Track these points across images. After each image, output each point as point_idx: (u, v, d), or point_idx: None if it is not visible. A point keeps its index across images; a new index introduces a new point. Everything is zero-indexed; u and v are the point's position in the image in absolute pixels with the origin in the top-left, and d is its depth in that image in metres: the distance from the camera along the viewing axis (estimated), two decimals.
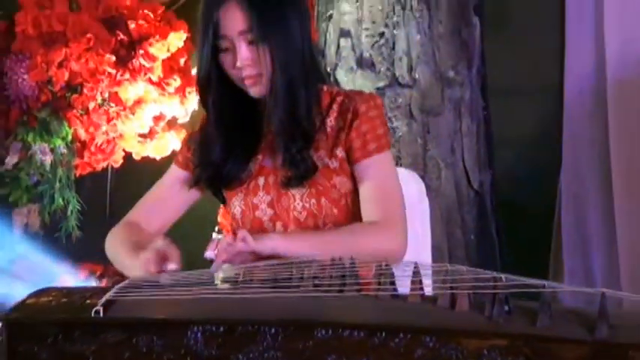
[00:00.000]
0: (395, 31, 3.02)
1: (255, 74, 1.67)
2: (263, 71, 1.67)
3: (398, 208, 1.72)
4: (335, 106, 1.77)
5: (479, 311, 1.06)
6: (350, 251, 1.53)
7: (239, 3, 1.64)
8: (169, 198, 1.86)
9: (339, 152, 1.74)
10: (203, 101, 1.76)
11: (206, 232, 3.16)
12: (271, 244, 1.53)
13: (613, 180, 3.06)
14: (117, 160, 3.34)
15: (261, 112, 1.76)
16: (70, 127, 3.23)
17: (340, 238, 1.64)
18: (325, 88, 1.82)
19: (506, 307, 1.05)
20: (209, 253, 1.50)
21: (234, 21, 1.64)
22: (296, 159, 1.70)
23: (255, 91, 1.70)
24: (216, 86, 1.72)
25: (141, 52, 3.24)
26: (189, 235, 2.06)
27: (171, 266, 1.47)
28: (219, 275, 1.31)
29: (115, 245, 1.76)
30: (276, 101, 1.68)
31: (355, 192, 1.75)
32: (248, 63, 1.66)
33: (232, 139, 1.76)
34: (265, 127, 1.78)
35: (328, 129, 1.75)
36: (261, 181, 1.77)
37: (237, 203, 1.79)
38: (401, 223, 1.69)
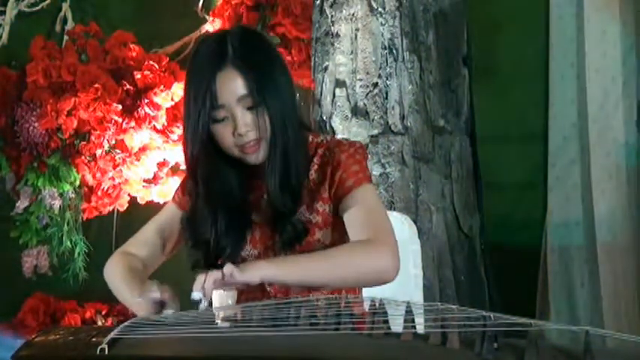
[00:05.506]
0: (388, 82, 3.05)
1: (256, 139, 1.65)
2: (263, 135, 1.65)
3: (387, 229, 1.65)
4: (316, 159, 1.75)
5: (469, 349, 1.07)
6: (340, 272, 1.56)
7: (236, 68, 1.62)
8: (165, 235, 1.83)
9: (320, 207, 1.72)
10: (194, 175, 1.72)
11: None
12: (259, 273, 1.49)
13: (596, 222, 3.12)
14: (122, 204, 3.40)
15: (249, 177, 1.74)
16: (78, 172, 3.29)
17: (329, 261, 1.58)
18: (310, 138, 1.80)
19: (495, 345, 1.06)
20: (196, 294, 1.50)
21: (233, 87, 1.62)
22: (286, 223, 1.68)
23: (255, 157, 1.67)
24: (209, 159, 1.68)
25: (146, 101, 3.31)
26: (188, 277, 2.13)
27: (168, 312, 1.48)
28: (220, 314, 1.34)
29: (112, 271, 1.76)
30: (273, 165, 1.66)
31: (340, 242, 1.72)
32: (249, 129, 1.63)
33: (223, 213, 1.72)
34: (254, 182, 1.75)
35: (311, 183, 1.73)
36: (248, 234, 1.75)
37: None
38: (392, 243, 1.61)
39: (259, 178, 1.73)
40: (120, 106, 3.30)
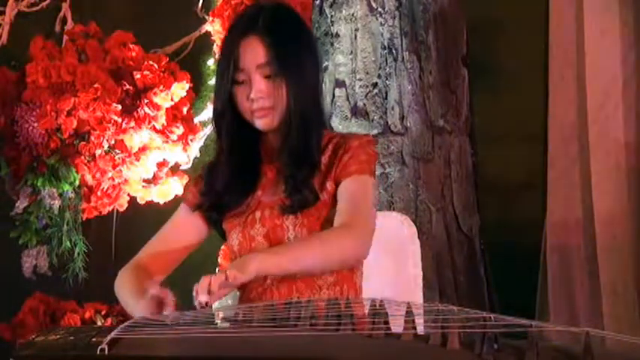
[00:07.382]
0: (387, 82, 3.07)
1: (268, 107, 1.75)
2: (276, 104, 1.75)
3: (367, 216, 1.74)
4: (330, 146, 1.83)
5: (469, 349, 1.08)
6: (321, 259, 1.66)
7: (260, 37, 1.74)
8: (176, 239, 1.90)
9: (329, 185, 1.79)
10: (217, 130, 1.85)
11: (207, 273, 3.18)
12: (254, 267, 1.53)
13: (596, 222, 3.13)
14: (122, 204, 3.37)
15: (261, 150, 1.85)
16: (77, 172, 3.26)
17: (310, 249, 1.66)
18: (324, 132, 1.88)
19: (496, 346, 1.08)
20: (203, 298, 1.51)
21: (254, 54, 1.74)
22: (300, 186, 1.76)
23: (263, 123, 1.77)
24: (230, 118, 1.79)
25: (146, 101, 3.29)
26: (190, 276, 2.15)
27: (168, 310, 1.54)
28: (220, 314, 1.35)
29: (121, 287, 1.82)
30: (289, 131, 1.76)
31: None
32: (261, 95, 1.74)
33: (236, 170, 1.83)
34: (266, 165, 1.85)
35: (322, 166, 1.81)
36: (257, 214, 1.81)
37: (235, 236, 1.83)
38: (365, 227, 1.72)
39: (275, 158, 1.83)
40: (119, 106, 3.27)
